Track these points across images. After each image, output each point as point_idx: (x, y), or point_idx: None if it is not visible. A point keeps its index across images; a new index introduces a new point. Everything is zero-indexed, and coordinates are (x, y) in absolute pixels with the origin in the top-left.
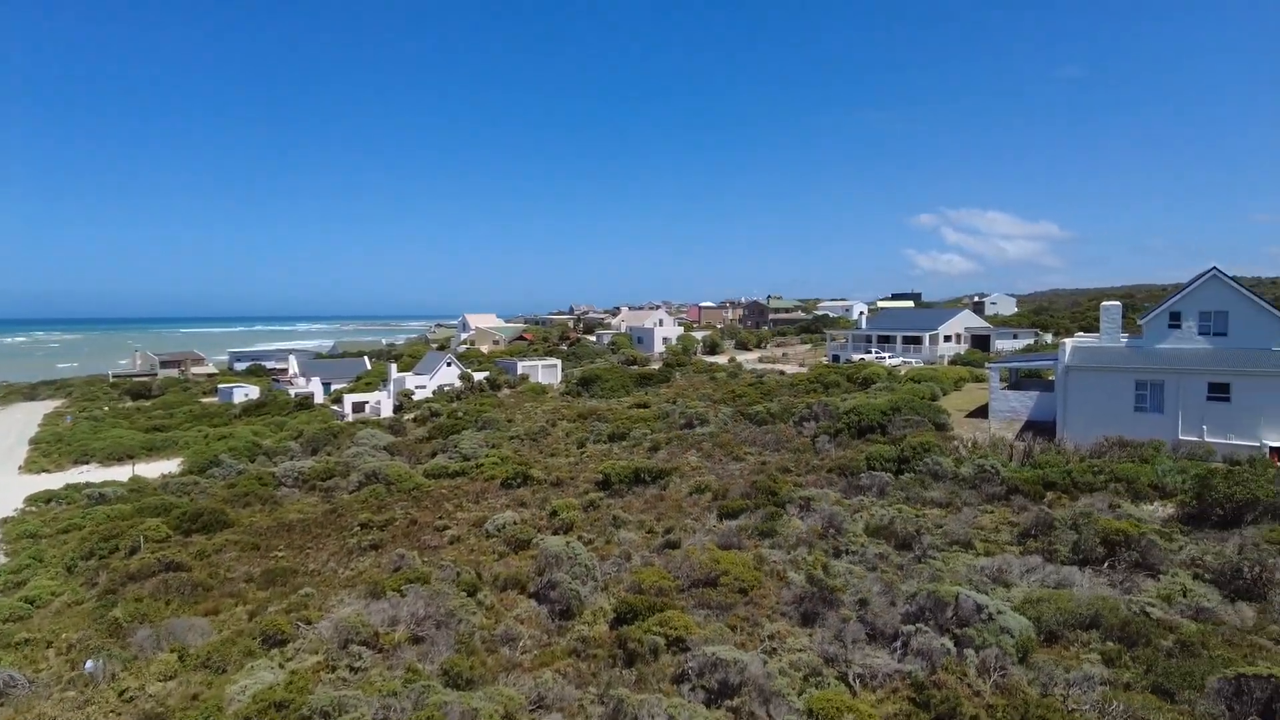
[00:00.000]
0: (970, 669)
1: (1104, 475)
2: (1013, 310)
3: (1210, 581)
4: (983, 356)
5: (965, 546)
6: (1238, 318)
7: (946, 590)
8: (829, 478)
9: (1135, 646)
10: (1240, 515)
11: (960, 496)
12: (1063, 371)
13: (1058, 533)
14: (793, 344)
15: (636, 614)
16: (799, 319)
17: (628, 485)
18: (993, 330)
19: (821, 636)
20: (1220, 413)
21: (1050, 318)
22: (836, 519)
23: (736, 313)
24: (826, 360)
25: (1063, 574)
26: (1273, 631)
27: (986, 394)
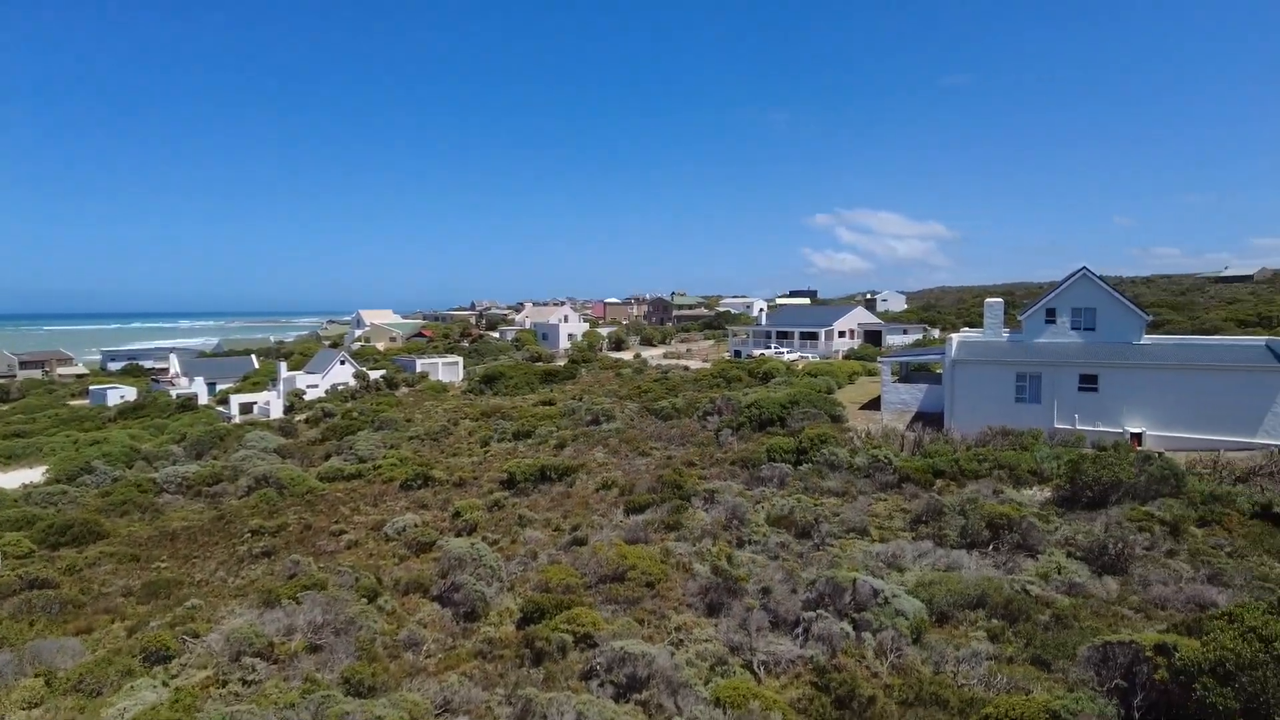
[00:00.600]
0: (868, 651)
1: (988, 463)
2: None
3: (1081, 559)
4: (875, 351)
5: (861, 533)
6: (1104, 314)
7: (844, 576)
8: (732, 470)
9: (1017, 622)
10: (1106, 496)
11: (856, 485)
12: (950, 365)
13: (947, 518)
14: (696, 340)
15: (543, 612)
16: (702, 315)
17: (533, 483)
18: (884, 326)
19: (727, 626)
20: (1090, 402)
21: (938, 314)
22: (740, 510)
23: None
24: (729, 356)
25: (952, 557)
26: (1133, 601)
27: (879, 387)
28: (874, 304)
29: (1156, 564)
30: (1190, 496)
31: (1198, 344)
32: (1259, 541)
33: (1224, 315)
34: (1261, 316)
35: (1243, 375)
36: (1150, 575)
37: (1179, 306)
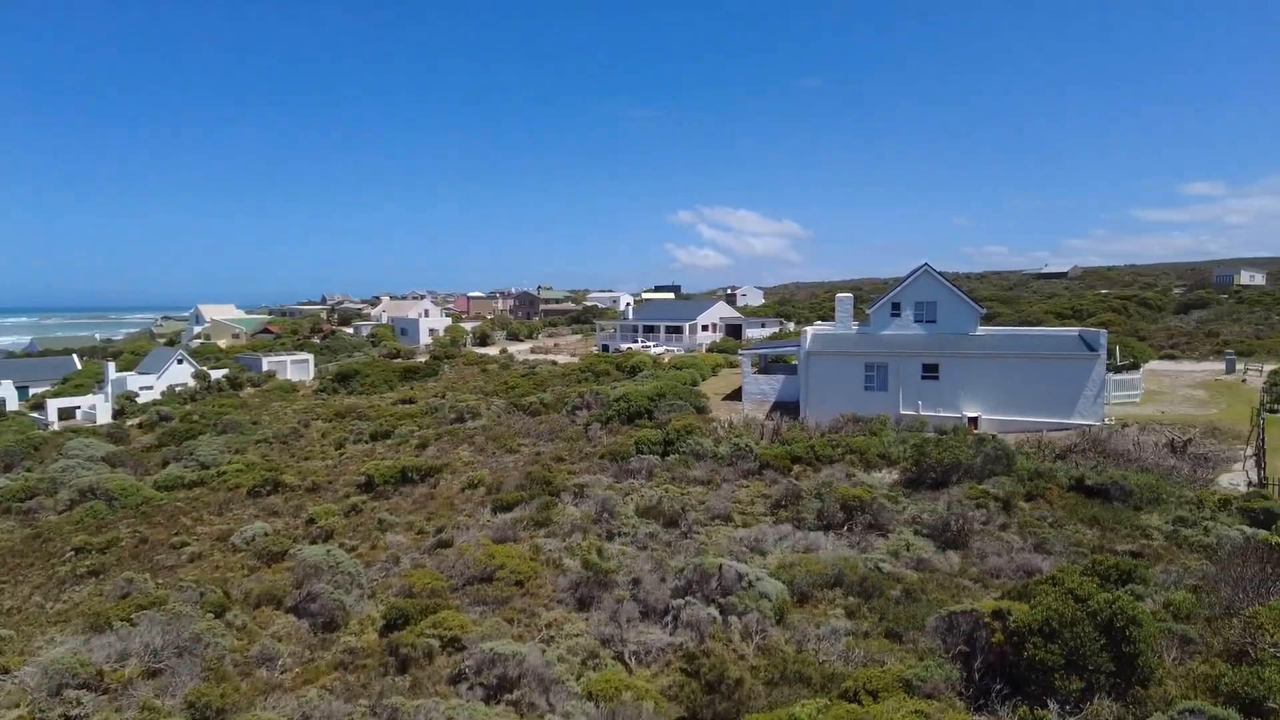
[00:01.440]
0: (735, 634)
1: (841, 448)
2: (761, 301)
3: (927, 535)
4: (736, 344)
5: (726, 520)
6: (944, 307)
7: (711, 562)
8: (601, 464)
9: (871, 598)
10: (948, 476)
11: (720, 474)
12: (804, 356)
13: (804, 502)
14: (564, 334)
15: (408, 618)
16: (569, 309)
17: (394, 486)
18: (744, 320)
19: (598, 619)
20: (932, 389)
21: (793, 308)
22: (609, 503)
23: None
24: (597, 350)
25: (810, 539)
26: (973, 573)
27: (740, 378)
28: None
29: (992, 537)
30: (1019, 474)
31: (1023, 335)
32: (1074, 511)
33: (1044, 308)
34: (1075, 309)
35: (1060, 363)
36: (987, 548)
37: (1007, 300)
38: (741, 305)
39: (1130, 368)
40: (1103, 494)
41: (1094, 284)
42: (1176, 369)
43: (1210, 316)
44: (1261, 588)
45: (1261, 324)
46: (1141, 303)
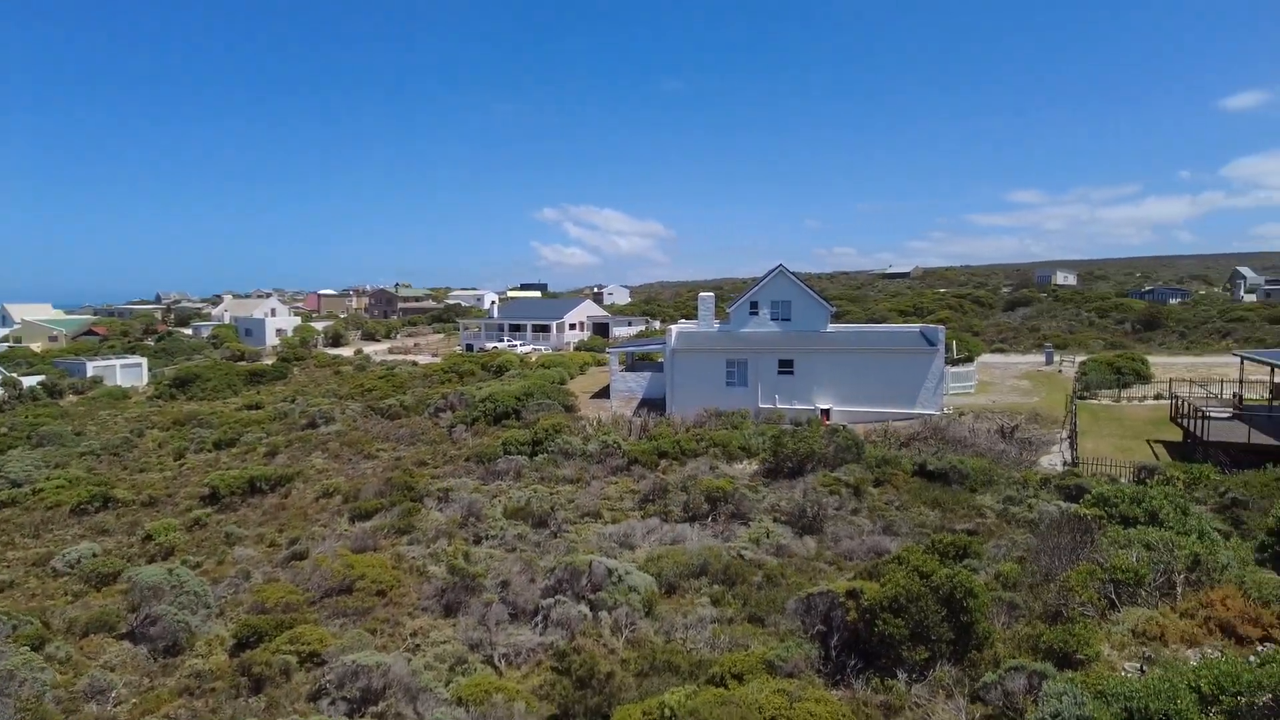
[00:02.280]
0: (605, 629)
1: (705, 442)
2: (627, 300)
3: (785, 523)
4: (603, 342)
5: (595, 517)
6: (798, 306)
7: (580, 560)
8: (467, 466)
9: (735, 585)
10: (803, 466)
11: (589, 471)
12: (670, 354)
13: (671, 495)
14: (425, 333)
15: (261, 635)
16: (431, 308)
17: (241, 496)
18: (611, 318)
19: (466, 624)
20: (788, 384)
21: (658, 306)
22: (476, 506)
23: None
24: (460, 349)
25: (677, 531)
26: (828, 556)
27: (608, 376)
28: (601, 297)
29: (845, 521)
30: (868, 462)
31: (870, 331)
32: (918, 494)
33: (889, 306)
34: (916, 307)
35: (903, 357)
36: (840, 532)
37: (856, 299)
38: (608, 304)
39: (965, 361)
40: (943, 478)
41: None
42: (1005, 361)
43: (1033, 313)
44: (1073, 555)
45: (1074, 320)
46: (975, 301)
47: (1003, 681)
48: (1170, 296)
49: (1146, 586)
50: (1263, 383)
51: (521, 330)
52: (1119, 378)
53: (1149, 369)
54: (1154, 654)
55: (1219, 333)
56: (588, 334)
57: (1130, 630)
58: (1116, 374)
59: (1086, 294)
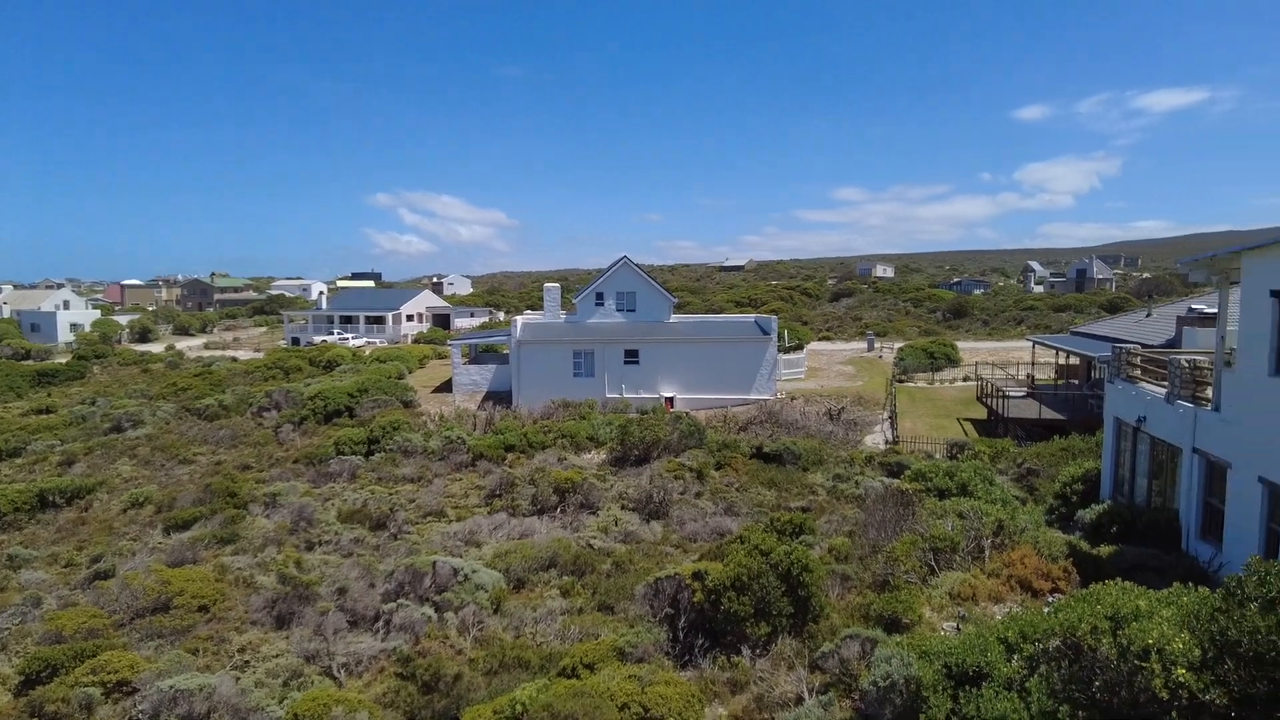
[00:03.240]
0: (452, 630)
1: (553, 434)
2: (469, 290)
3: (633, 509)
4: (444, 334)
5: (438, 516)
6: (642, 297)
7: (423, 561)
8: (296, 468)
9: (584, 575)
10: (649, 453)
11: (431, 469)
12: (515, 346)
13: (518, 489)
14: (245, 327)
15: (56, 668)
16: (251, 299)
17: (29, 513)
18: (452, 309)
19: (300, 635)
20: (634, 373)
21: (502, 297)
22: (307, 511)
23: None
24: (286, 344)
25: (525, 525)
26: (674, 540)
27: (450, 370)
28: (441, 287)
29: (689, 505)
30: (709, 446)
31: (710, 321)
32: (756, 476)
33: (726, 298)
34: (751, 298)
35: (740, 346)
36: (685, 515)
37: (696, 290)
38: (449, 294)
39: (796, 349)
40: (778, 459)
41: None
42: (832, 348)
43: (855, 304)
44: (897, 526)
45: (892, 309)
46: (804, 292)
47: (839, 650)
48: (975, 288)
49: (960, 552)
50: (1051, 364)
51: (354, 323)
52: (932, 362)
53: (958, 354)
54: (967, 613)
55: (1015, 320)
56: (427, 326)
57: (947, 593)
58: (930, 359)
59: (903, 285)
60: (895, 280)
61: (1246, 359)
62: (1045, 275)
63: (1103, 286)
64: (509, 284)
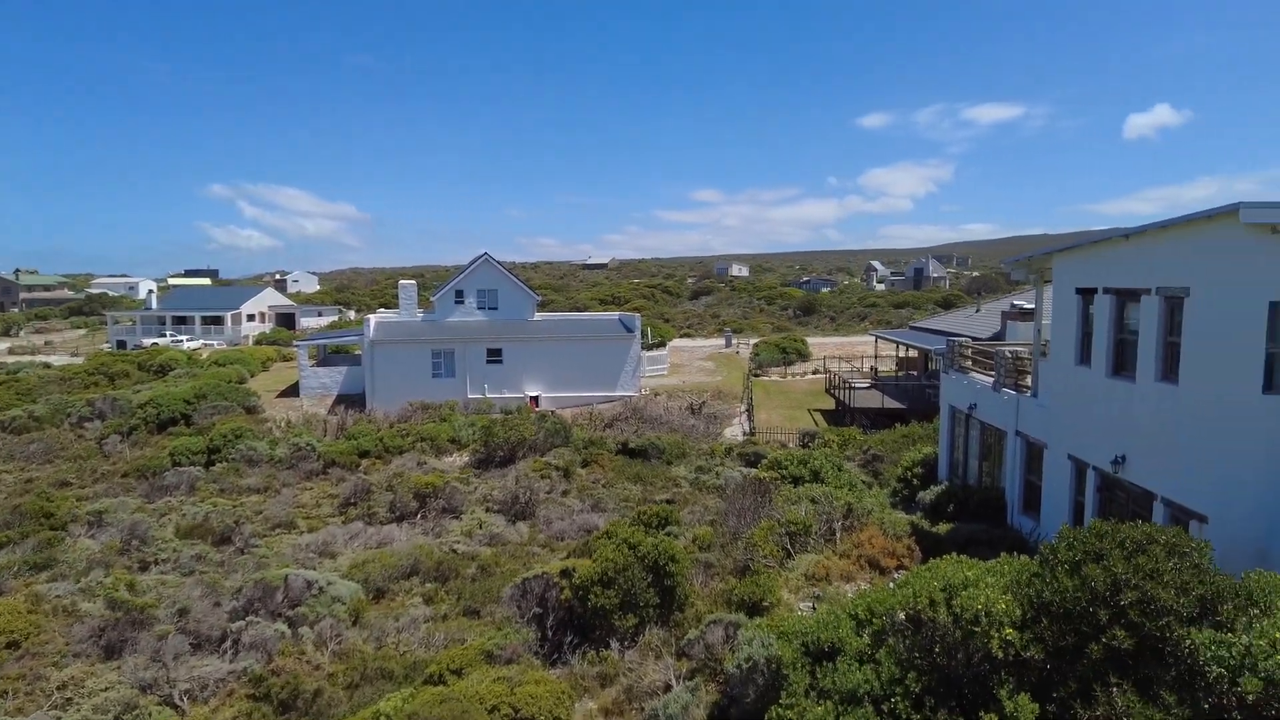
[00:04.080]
0: (308, 646)
1: (411, 437)
2: (316, 288)
3: (498, 511)
4: (290, 335)
5: (289, 527)
6: (504, 294)
7: (274, 575)
8: (126, 483)
9: (448, 580)
10: (514, 453)
11: (279, 478)
12: (369, 346)
13: (375, 496)
14: (60, 329)
15: None
16: (67, 299)
17: None
18: (298, 308)
19: (134, 664)
20: (497, 372)
21: (352, 295)
22: (140, 528)
23: None
24: (109, 347)
25: (384, 532)
26: (541, 539)
27: (297, 372)
28: (285, 285)
29: (556, 504)
30: (575, 444)
31: (574, 319)
32: (622, 471)
33: (590, 295)
34: (614, 296)
35: (604, 343)
36: (552, 514)
37: (559, 288)
38: (294, 292)
39: (658, 345)
40: (643, 454)
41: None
42: (692, 345)
43: (714, 301)
44: (755, 513)
45: (747, 307)
46: (665, 290)
47: (704, 636)
48: (822, 286)
49: (814, 535)
50: (892, 357)
51: (188, 323)
52: (785, 357)
53: (808, 348)
54: (822, 592)
55: (859, 316)
56: (270, 326)
57: (803, 574)
58: (783, 353)
59: (757, 284)
60: (750, 279)
61: (1058, 350)
62: (886, 274)
63: (938, 284)
64: (360, 281)
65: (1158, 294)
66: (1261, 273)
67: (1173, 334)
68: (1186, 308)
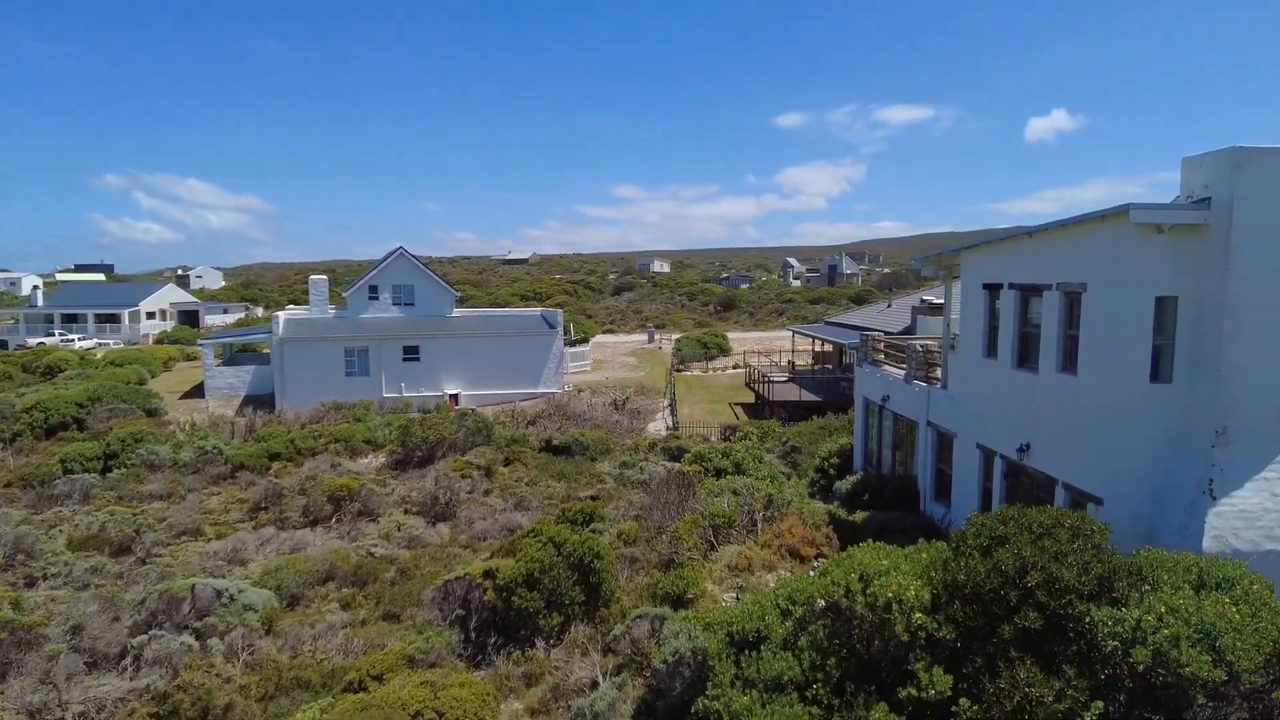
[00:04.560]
0: (218, 658)
1: (325, 438)
2: (221, 284)
3: (417, 513)
4: (193, 333)
5: (195, 534)
6: (421, 290)
7: (180, 585)
8: (10, 493)
9: (367, 585)
10: (433, 453)
11: (183, 484)
12: (278, 344)
13: (287, 500)
14: None
15: None
16: None
17: None
18: (202, 305)
19: (21, 687)
20: (414, 371)
21: (260, 291)
22: (26, 541)
23: None
24: None
25: (297, 538)
26: (462, 540)
27: (202, 372)
28: (187, 280)
29: (478, 504)
30: (497, 442)
31: (494, 315)
32: (545, 469)
33: (510, 291)
34: (536, 292)
35: (526, 340)
36: (474, 515)
37: (478, 284)
38: (197, 288)
39: (581, 342)
40: (567, 451)
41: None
42: (615, 341)
43: (636, 297)
44: (679, 507)
45: (669, 303)
46: (587, 286)
47: (630, 631)
48: (741, 282)
49: (736, 526)
50: (809, 351)
51: (80, 321)
52: (706, 352)
53: (728, 343)
54: (745, 582)
55: (777, 312)
56: (172, 324)
57: (727, 565)
58: (704, 349)
59: (679, 280)
60: (671, 275)
61: (966, 343)
62: (802, 271)
63: (851, 281)
64: (269, 276)
65: (1058, 289)
66: (1149, 269)
67: (1072, 327)
68: (1084, 302)
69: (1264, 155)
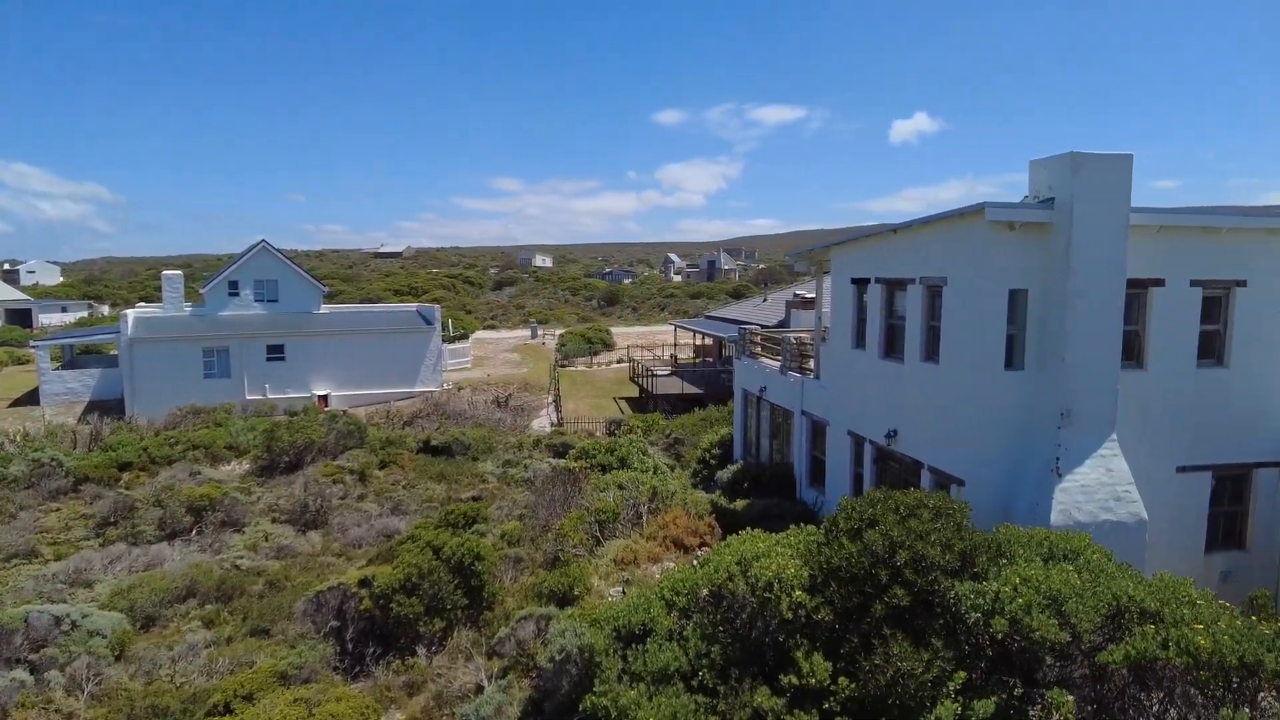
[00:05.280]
0: (57, 692)
1: (182, 445)
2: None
3: (286, 521)
4: (25, 334)
5: (30, 556)
6: (285, 286)
7: (11, 615)
8: None
9: (232, 600)
10: (302, 458)
11: (15, 501)
12: (127, 345)
13: (140, 513)
14: None
15: None
16: None
17: None
18: (35, 303)
19: None
20: (279, 371)
21: (105, 287)
22: None
23: None
24: None
25: (152, 553)
26: (335, 548)
27: (36, 376)
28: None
29: (351, 510)
30: (372, 444)
31: (366, 312)
32: (424, 470)
33: (384, 286)
34: (411, 287)
35: (402, 337)
36: (347, 521)
37: (349, 279)
38: (29, 285)
39: (461, 338)
40: (447, 451)
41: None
42: (497, 337)
43: (518, 292)
44: (565, 504)
45: (552, 298)
46: (466, 281)
47: (515, 632)
48: (624, 277)
49: (621, 520)
50: (690, 345)
51: None
52: (590, 346)
53: (612, 338)
54: (630, 576)
55: (659, 306)
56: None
57: (612, 560)
58: (588, 344)
59: (561, 275)
60: (554, 270)
61: (836, 335)
62: (682, 266)
63: (729, 276)
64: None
65: (921, 283)
66: (1003, 264)
67: (934, 319)
68: (945, 295)
69: (1098, 160)
